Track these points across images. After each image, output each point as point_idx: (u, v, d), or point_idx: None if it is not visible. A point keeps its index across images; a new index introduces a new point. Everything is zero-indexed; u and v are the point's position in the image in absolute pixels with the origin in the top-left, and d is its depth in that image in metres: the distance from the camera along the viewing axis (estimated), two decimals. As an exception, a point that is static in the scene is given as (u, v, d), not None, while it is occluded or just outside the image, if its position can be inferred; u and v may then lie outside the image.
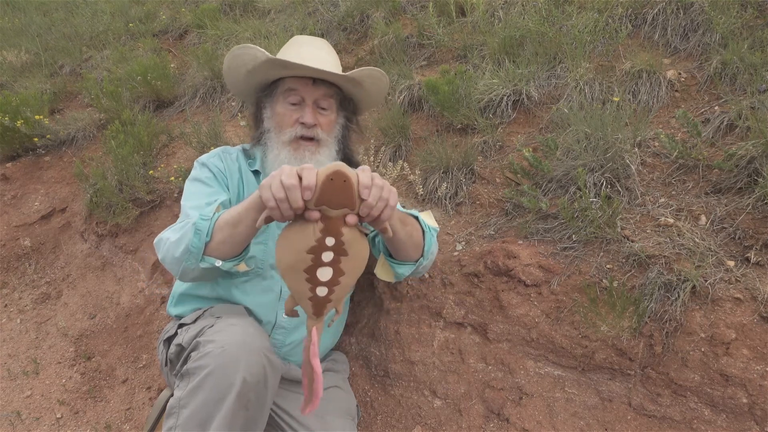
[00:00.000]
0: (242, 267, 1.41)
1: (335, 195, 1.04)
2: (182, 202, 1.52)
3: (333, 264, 1.11)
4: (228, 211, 1.31)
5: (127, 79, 3.53)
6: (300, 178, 1.04)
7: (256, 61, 1.51)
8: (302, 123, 1.50)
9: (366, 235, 1.16)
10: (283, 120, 1.52)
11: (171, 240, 1.35)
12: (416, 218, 1.49)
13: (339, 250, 1.10)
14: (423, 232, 1.49)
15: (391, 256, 1.50)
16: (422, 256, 1.50)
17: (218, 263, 1.32)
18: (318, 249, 1.08)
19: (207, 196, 1.49)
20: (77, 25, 4.86)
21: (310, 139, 1.52)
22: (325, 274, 1.11)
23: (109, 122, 3.25)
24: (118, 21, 4.74)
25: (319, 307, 1.14)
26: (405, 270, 1.51)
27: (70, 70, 4.42)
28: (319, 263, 1.09)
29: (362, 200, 1.08)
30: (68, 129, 3.60)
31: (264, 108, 1.58)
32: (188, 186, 1.56)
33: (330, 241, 1.08)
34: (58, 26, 5.04)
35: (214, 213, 1.32)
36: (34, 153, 3.65)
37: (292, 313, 1.19)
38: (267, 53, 1.49)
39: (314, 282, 1.11)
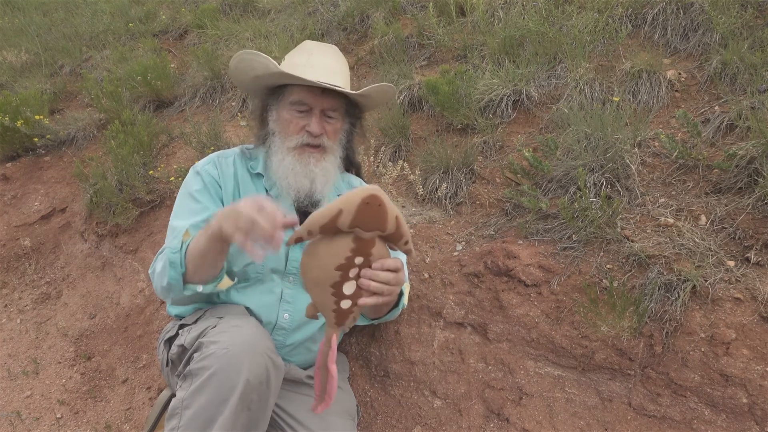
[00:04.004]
0: (224, 284, 1.44)
1: (370, 218, 1.06)
2: (171, 216, 1.55)
3: (358, 278, 1.14)
4: (194, 241, 1.34)
5: (127, 79, 3.53)
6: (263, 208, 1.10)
7: (266, 70, 1.50)
8: (309, 131, 1.50)
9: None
10: (289, 126, 1.51)
11: (157, 271, 1.41)
12: (400, 294, 1.57)
13: (366, 267, 1.13)
14: (393, 308, 1.59)
15: None
16: (377, 318, 1.65)
17: (199, 288, 1.38)
18: (346, 266, 1.11)
19: (193, 215, 1.50)
20: (77, 25, 4.86)
21: (316, 146, 1.52)
22: (350, 288, 1.14)
23: (109, 122, 3.25)
24: (118, 21, 4.74)
25: (341, 318, 1.18)
26: (358, 320, 1.63)
27: (70, 70, 4.42)
28: (345, 279, 1.12)
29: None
30: (68, 129, 3.60)
31: (270, 110, 1.57)
32: (178, 199, 1.58)
33: (359, 260, 1.11)
34: (58, 26, 5.04)
35: (182, 243, 1.36)
36: (34, 153, 3.65)
37: (314, 317, 1.22)
38: (279, 67, 1.47)
39: (339, 296, 1.14)
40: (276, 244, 1.10)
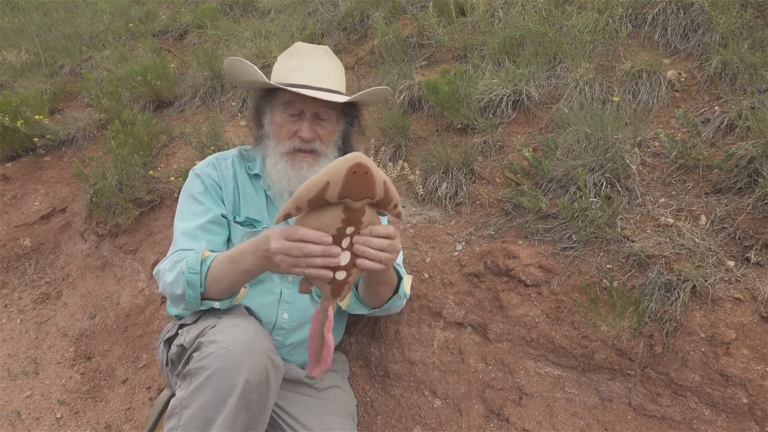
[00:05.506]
0: (240, 296, 1.47)
1: (358, 187, 1.03)
2: (175, 220, 1.56)
3: (351, 248, 1.12)
4: (219, 268, 1.34)
5: (127, 79, 3.53)
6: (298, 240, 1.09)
7: (253, 78, 1.50)
8: (300, 137, 1.48)
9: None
10: (281, 131, 1.50)
11: (167, 281, 1.40)
12: (399, 279, 1.56)
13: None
14: (395, 292, 1.57)
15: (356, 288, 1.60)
16: (378, 307, 1.60)
17: (216, 305, 1.41)
18: (338, 238, 1.09)
19: (197, 217, 1.51)
20: (77, 25, 4.86)
21: (308, 151, 1.51)
22: (344, 258, 1.11)
23: (109, 122, 3.25)
24: (118, 21, 4.75)
25: (337, 289, 1.16)
26: (358, 309, 1.63)
27: (70, 70, 4.42)
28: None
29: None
30: (68, 129, 3.60)
31: (264, 113, 1.56)
32: (181, 200, 1.59)
33: (350, 230, 1.09)
34: (58, 26, 5.04)
35: (201, 263, 1.36)
36: (34, 153, 3.65)
37: (307, 291, 1.20)
38: (264, 77, 1.47)
39: (334, 268, 1.12)
40: (335, 253, 1.10)
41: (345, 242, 1.10)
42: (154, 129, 3.16)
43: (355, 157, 1.01)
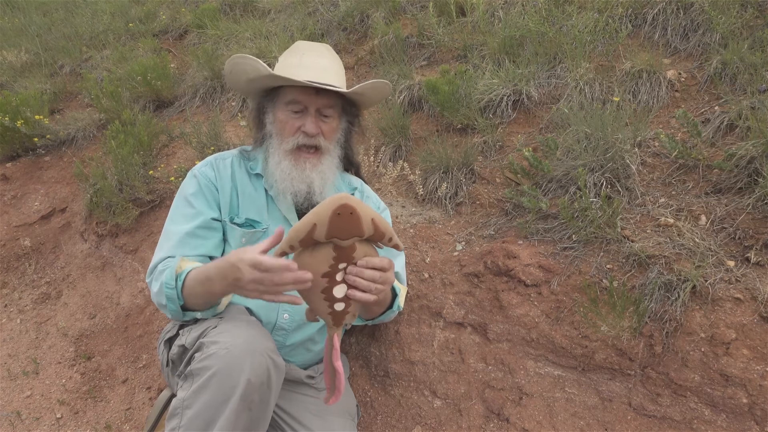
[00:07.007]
0: (224, 304, 1.46)
1: (344, 227, 1.07)
2: (166, 219, 1.56)
3: (347, 282, 1.16)
4: (192, 287, 1.35)
5: (127, 79, 3.53)
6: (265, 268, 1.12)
7: (258, 73, 1.50)
8: (304, 132, 1.49)
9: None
10: (285, 127, 1.51)
11: (154, 290, 1.42)
12: (394, 296, 1.57)
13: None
14: (388, 308, 1.58)
15: None
16: (372, 320, 1.64)
17: (198, 315, 1.41)
18: (332, 273, 1.13)
19: (188, 220, 1.52)
20: (77, 25, 4.86)
21: (312, 147, 1.51)
22: (340, 291, 1.16)
23: (109, 122, 3.25)
24: (118, 21, 4.75)
25: (338, 319, 1.20)
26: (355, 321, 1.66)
27: (70, 70, 4.42)
28: (333, 284, 1.15)
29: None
30: (68, 129, 3.60)
31: (266, 112, 1.57)
32: (175, 202, 1.59)
33: (343, 266, 1.13)
34: (58, 26, 5.04)
35: (177, 277, 1.36)
36: (34, 153, 3.65)
37: (314, 320, 1.25)
38: (268, 69, 1.47)
39: (331, 300, 1.16)
40: (305, 280, 1.12)
41: (340, 276, 1.15)
42: (154, 129, 3.16)
43: (339, 198, 1.05)
